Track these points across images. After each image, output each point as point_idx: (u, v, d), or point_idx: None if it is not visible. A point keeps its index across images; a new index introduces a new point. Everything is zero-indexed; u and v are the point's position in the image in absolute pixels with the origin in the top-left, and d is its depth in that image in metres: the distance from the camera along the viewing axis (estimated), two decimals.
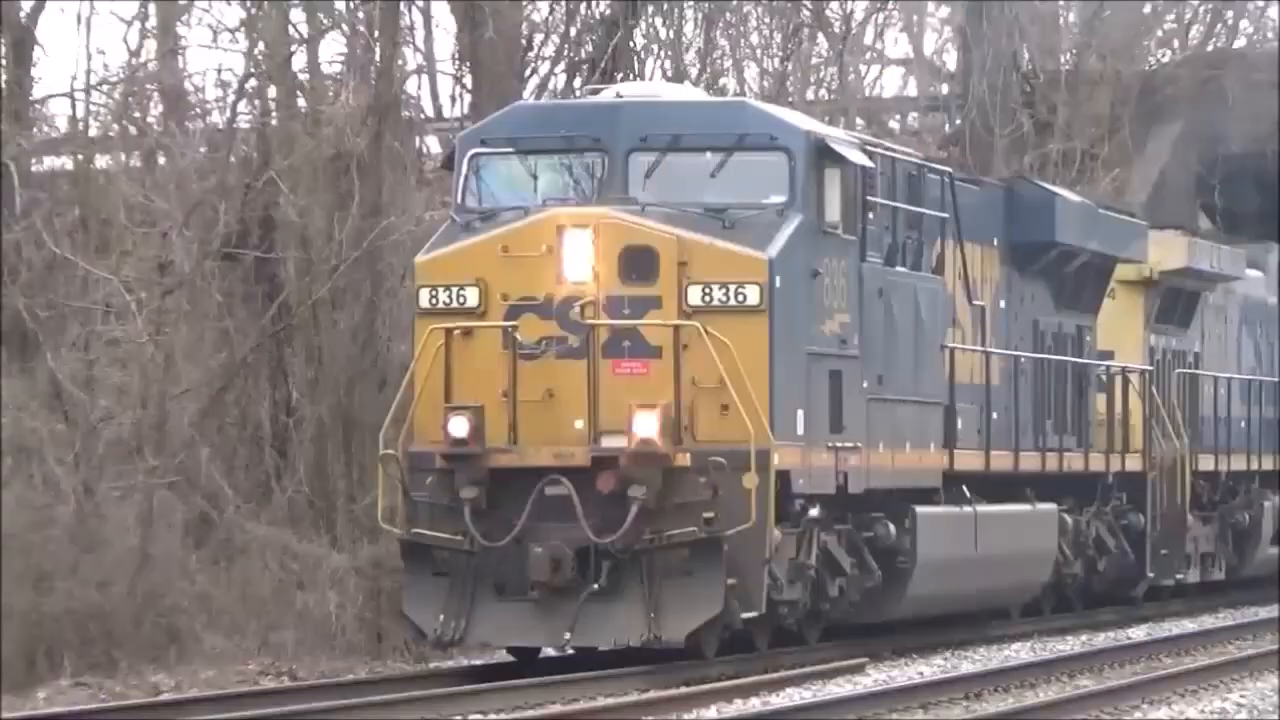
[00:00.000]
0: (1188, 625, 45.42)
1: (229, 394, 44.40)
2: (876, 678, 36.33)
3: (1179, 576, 48.74)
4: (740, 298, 34.62)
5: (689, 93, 41.56)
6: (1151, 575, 47.38)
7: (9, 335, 42.99)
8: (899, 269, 38.49)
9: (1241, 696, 33.88)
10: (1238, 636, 43.38)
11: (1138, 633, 44.06)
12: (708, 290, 34.62)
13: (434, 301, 35.42)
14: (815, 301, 35.94)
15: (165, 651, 38.06)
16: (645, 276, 34.71)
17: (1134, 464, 46.78)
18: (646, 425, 33.94)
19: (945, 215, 40.16)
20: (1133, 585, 46.82)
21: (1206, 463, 49.80)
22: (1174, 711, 32.35)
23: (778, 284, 34.93)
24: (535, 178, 36.44)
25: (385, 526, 36.53)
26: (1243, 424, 52.32)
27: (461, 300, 35.03)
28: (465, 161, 37.12)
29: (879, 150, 39.73)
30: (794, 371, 35.42)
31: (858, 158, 37.32)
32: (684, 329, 34.45)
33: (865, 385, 37.03)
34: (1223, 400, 51.32)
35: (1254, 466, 52.59)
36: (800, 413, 35.48)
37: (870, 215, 37.52)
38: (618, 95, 39.16)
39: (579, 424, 34.58)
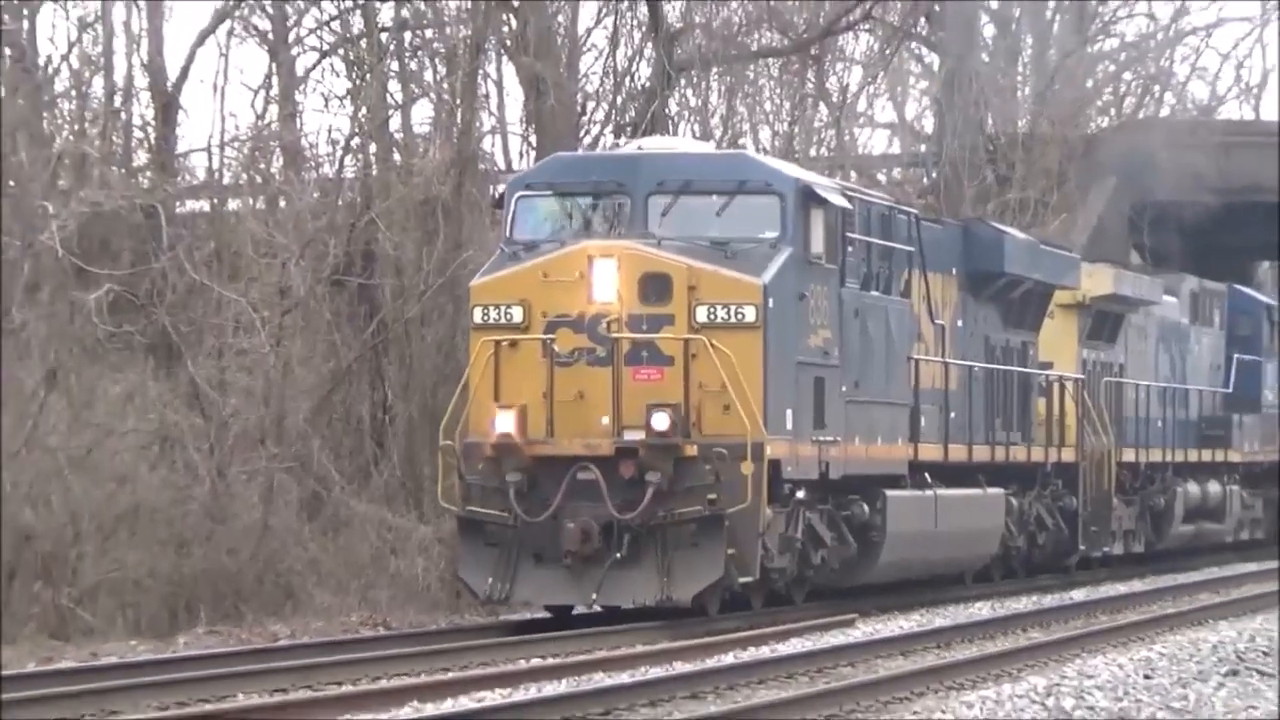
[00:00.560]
0: (1119, 589, 45.25)
1: (336, 395, 44.47)
2: (865, 630, 36.22)
3: (1105, 549, 48.76)
4: (739, 316, 34.54)
5: (698, 146, 41.54)
6: (1083, 548, 47.37)
7: (158, 347, 43.01)
8: (873, 293, 38.37)
9: (1163, 648, 33.74)
10: (1160, 599, 43.34)
11: (1077, 595, 43.91)
12: (712, 310, 34.53)
13: (486, 318, 35.36)
14: (802, 320, 35.86)
15: (282, 606, 38.26)
16: (660, 298, 34.66)
17: (1069, 456, 46.74)
18: (661, 421, 33.85)
19: (911, 249, 40.11)
20: (1067, 556, 46.81)
21: (1129, 455, 49.83)
22: (1108, 659, 32.23)
23: (770, 305, 34.87)
24: (570, 216, 36.42)
25: (444, 504, 36.88)
26: (1159, 424, 52.33)
27: (508, 317, 34.93)
28: (513, 202, 37.17)
29: (856, 194, 39.73)
30: (784, 378, 35.34)
31: (838, 200, 37.37)
32: (692, 342, 34.37)
33: (844, 389, 36.95)
34: (1142, 404, 51.32)
35: (1168, 459, 52.58)
36: (789, 412, 35.42)
37: (849, 248, 37.40)
38: (639, 148, 39.21)
39: (605, 420, 34.43)
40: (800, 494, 35.95)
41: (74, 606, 36.84)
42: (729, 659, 31.90)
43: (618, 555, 34.27)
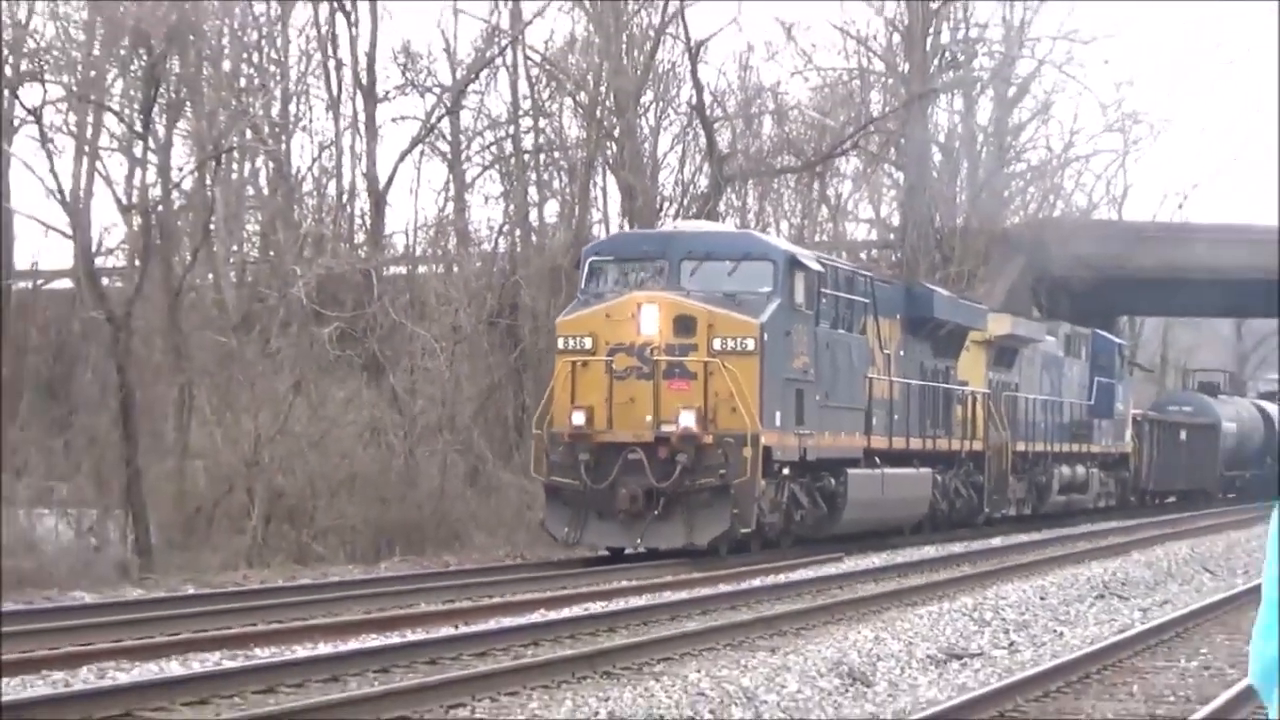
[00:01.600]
0: (1020, 538, 44.99)
1: (489, 400, 44.44)
2: (849, 565, 36.06)
3: (1004, 511, 48.67)
4: (743, 346, 34.42)
5: (716, 226, 41.46)
6: (987, 510, 47.20)
7: (369, 366, 43.01)
8: (839, 331, 38.17)
9: (1053, 579, 33.59)
10: (1049, 546, 43.10)
11: (995, 541, 43.61)
12: (724, 341, 34.37)
13: (566, 345, 35.06)
14: (788, 349, 35.54)
15: (452, 544, 38.14)
16: (688, 333, 34.41)
17: (978, 446, 46.51)
18: (687, 419, 33.71)
19: (867, 300, 39.97)
20: (976, 516, 46.55)
21: (1020, 446, 49.64)
22: (1015, 586, 32.07)
23: (765, 338, 34.64)
24: (626, 274, 36.44)
25: (535, 476, 36.10)
26: (1042, 425, 52.18)
27: (582, 345, 34.79)
28: (586, 264, 37.13)
29: (828, 262, 39.61)
30: (774, 389, 34.92)
31: (814, 266, 37.27)
32: (710, 363, 33.98)
33: (817, 398, 36.73)
34: (1030, 411, 51.22)
35: (1048, 449, 52.38)
36: (778, 413, 35.09)
37: (822, 299, 37.16)
38: (675, 227, 39.37)
39: (648, 418, 34.11)
40: (786, 471, 35.72)
41: (310, 542, 36.87)
42: (755, 583, 31.82)
43: (655, 512, 34.02)
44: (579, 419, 34.35)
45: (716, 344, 34.51)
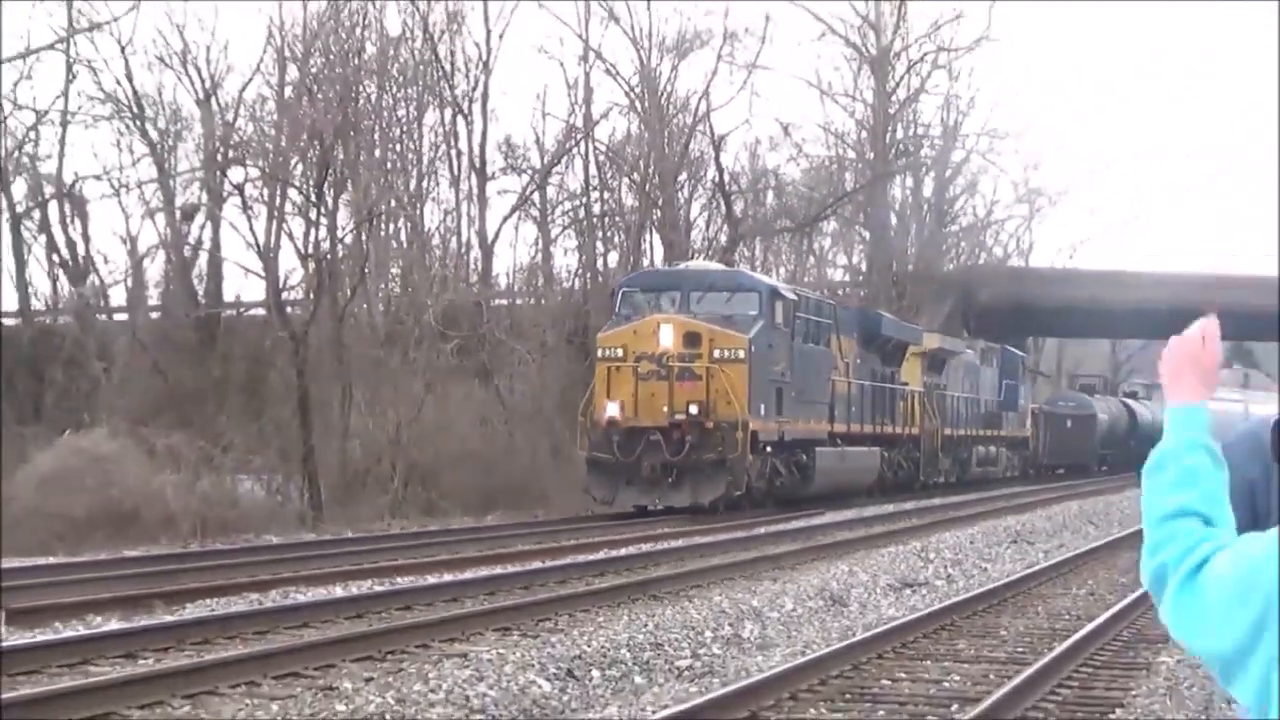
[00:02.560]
0: (953, 499, 44.62)
1: (567, 397, 44.03)
2: (829, 517, 35.77)
3: (935, 480, 48.32)
4: (736, 355, 34.13)
5: (715, 266, 40.84)
6: (923, 479, 46.89)
7: (480, 372, 42.93)
8: (810, 345, 37.75)
9: (978, 529, 33.46)
10: (975, 505, 42.68)
11: (934, 501, 43.25)
12: (722, 352, 34.07)
13: (604, 354, 34.69)
14: (770, 358, 35.14)
15: (539, 501, 37.81)
16: (694, 345, 34.09)
17: (916, 431, 46.26)
18: (694, 409, 33.57)
19: (831, 321, 39.68)
20: (914, 483, 46.19)
21: (948, 431, 49.40)
22: (951, 534, 31.99)
23: (753, 350, 34.34)
24: (649, 301, 36.18)
25: (580, 452, 35.44)
26: (963, 415, 51.93)
27: (616, 354, 34.46)
28: (620, 293, 36.98)
29: (803, 294, 39.35)
30: (760, 388, 34.54)
31: (790, 296, 37.11)
32: (711, 368, 33.69)
33: (793, 395, 36.36)
34: (955, 405, 50.94)
35: (969, 433, 52.15)
36: (763, 405, 34.77)
37: (797, 320, 36.87)
38: (686, 266, 39.08)
39: (665, 408, 33.80)
40: (769, 449, 35.45)
41: (437, 500, 36.79)
42: (760, 531, 31.64)
43: (670, 480, 33.82)
44: (613, 410, 34.04)
45: (716, 354, 34.25)
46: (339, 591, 20.11)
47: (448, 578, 21.95)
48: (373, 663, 14.75)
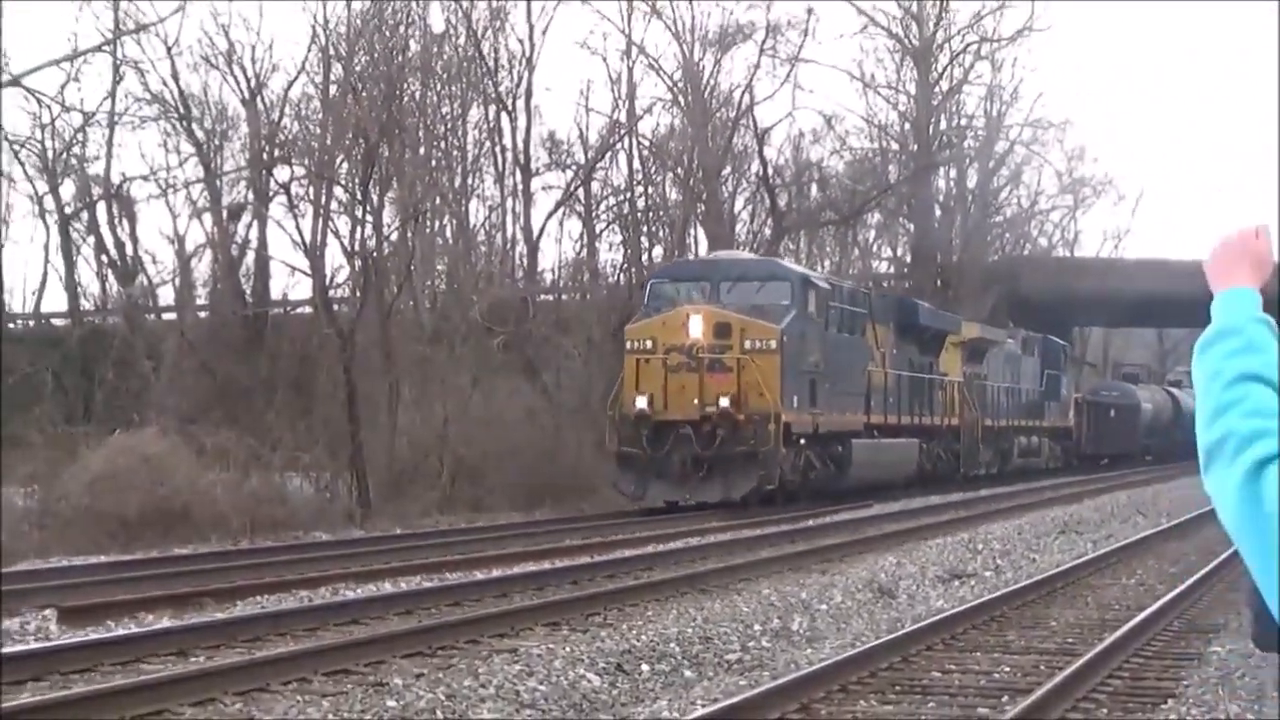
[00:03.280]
0: (998, 490, 44.41)
1: (611, 392, 44.10)
2: (877, 509, 35.62)
3: (975, 471, 47.78)
4: (768, 345, 33.49)
5: (747, 255, 40.63)
6: (963, 471, 46.39)
7: (527, 367, 42.91)
8: (844, 334, 37.12)
9: (1026, 520, 33.32)
10: (1020, 495, 42.51)
11: (983, 492, 43.06)
12: (753, 342, 33.41)
13: (632, 346, 34.14)
14: (803, 348, 34.55)
15: (587, 496, 37.67)
16: (725, 336, 33.49)
17: (955, 422, 45.69)
18: (725, 402, 32.96)
19: (866, 311, 39.13)
20: (954, 475, 45.70)
21: (988, 422, 48.84)
22: (999, 525, 31.87)
23: (785, 340, 33.73)
24: (679, 292, 35.73)
25: (609, 447, 34.59)
26: (1004, 405, 51.39)
27: (645, 346, 33.90)
28: (649, 285, 36.56)
29: (836, 283, 38.98)
30: (793, 379, 33.97)
31: (823, 285, 36.61)
32: (742, 359, 33.08)
33: (827, 386, 35.71)
34: (995, 395, 50.44)
35: (1010, 424, 51.64)
36: (795, 397, 34.14)
37: (831, 310, 36.23)
38: (716, 256, 38.69)
39: (695, 401, 33.12)
40: (802, 441, 34.79)
41: (484, 496, 36.76)
42: (808, 524, 31.58)
43: (700, 474, 33.22)
44: (642, 403, 33.48)
45: (747, 344, 33.63)
46: (388, 588, 20.13)
47: (496, 573, 21.96)
48: (423, 659, 14.74)
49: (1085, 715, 12.55)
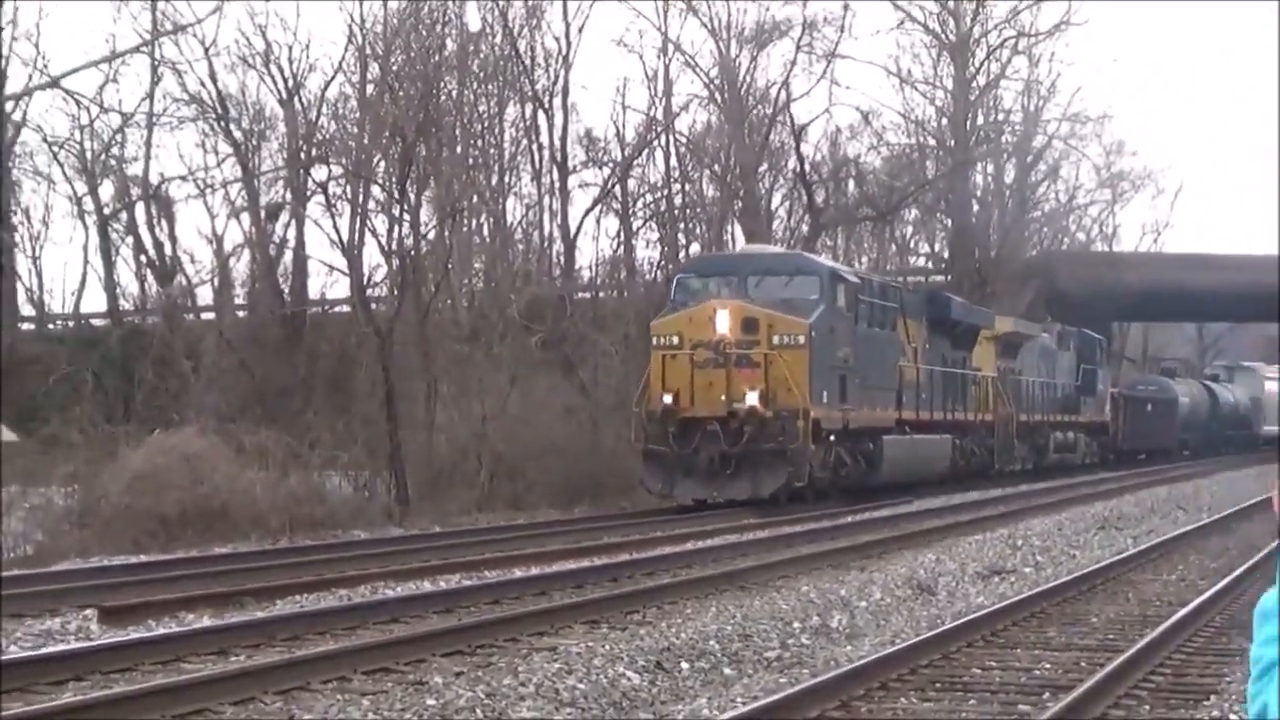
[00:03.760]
0: (1038, 486, 44.21)
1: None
2: (917, 505, 35.59)
3: (1010, 467, 47.41)
4: (796, 340, 33.04)
5: (774, 249, 40.33)
6: (997, 467, 46.02)
7: (564, 364, 42.89)
8: (875, 329, 36.72)
9: (1065, 516, 33.23)
10: (1059, 491, 42.34)
11: (1021, 488, 42.87)
12: (781, 337, 32.97)
13: (659, 342, 33.74)
14: (832, 343, 34.13)
15: (625, 494, 37.56)
16: (752, 331, 33.11)
17: (989, 417, 45.24)
18: (753, 398, 32.46)
19: (897, 305, 38.58)
20: (988, 471, 45.29)
21: (1023, 417, 48.41)
22: (1039, 521, 31.78)
23: (813, 335, 33.32)
24: (705, 286, 35.46)
25: (634, 444, 34.23)
26: (1039, 401, 51.01)
27: (671, 342, 33.48)
28: (676, 279, 36.21)
29: (866, 277, 38.55)
30: (822, 374, 33.56)
31: (853, 279, 36.22)
32: (770, 355, 32.71)
33: (857, 381, 35.18)
34: (1030, 390, 50.01)
35: (1045, 419, 51.29)
36: (825, 392, 33.66)
37: (860, 305, 35.80)
38: (743, 250, 38.34)
39: (722, 397, 32.71)
40: (832, 438, 34.41)
41: (523, 493, 36.76)
42: (844, 521, 31.51)
43: (728, 471, 32.83)
44: (668, 399, 33.14)
45: (775, 340, 33.26)
46: (427, 586, 20.14)
47: (535, 571, 21.96)
48: (462, 657, 14.74)
49: (1127, 712, 12.49)
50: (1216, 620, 17.33)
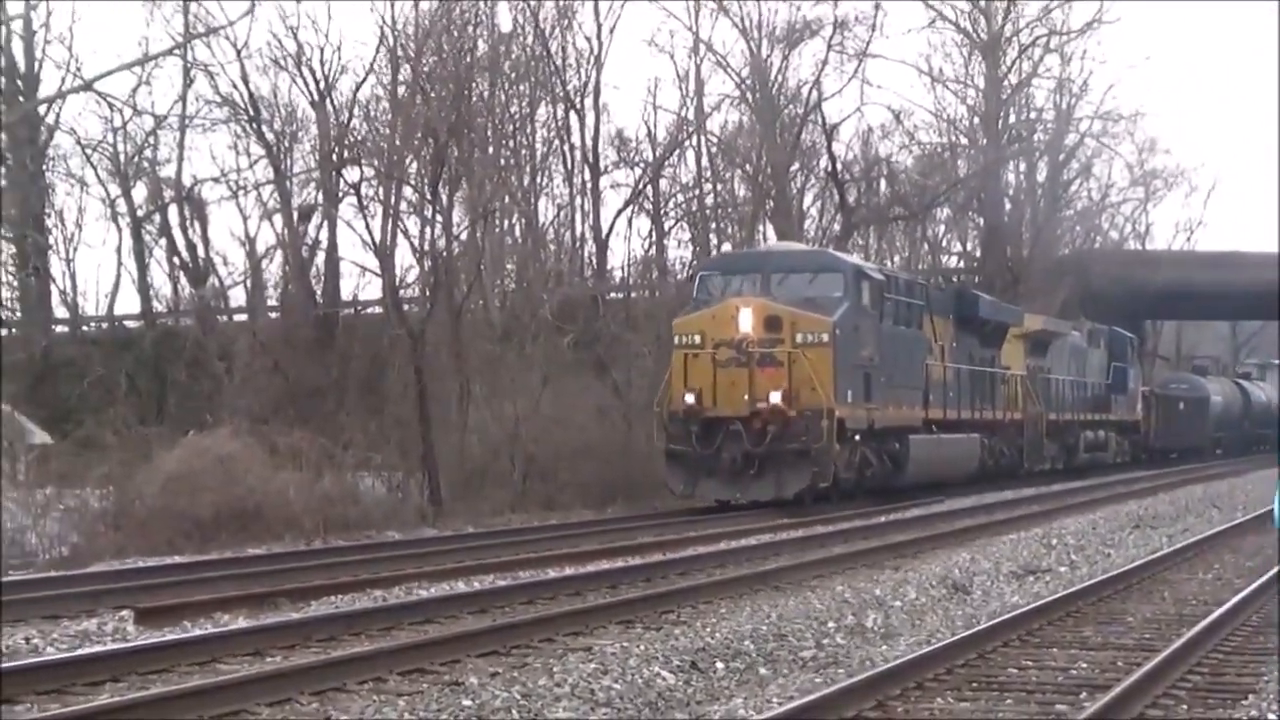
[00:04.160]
0: (1072, 485, 44.08)
1: None
2: (949, 504, 35.50)
3: (1040, 467, 47.07)
4: (820, 339, 32.58)
5: (798, 246, 39.75)
6: (1027, 467, 45.61)
7: (597, 364, 42.87)
8: (900, 327, 36.39)
9: (1099, 515, 33.14)
10: (1093, 490, 42.21)
11: (1054, 487, 42.74)
12: (804, 335, 32.52)
13: (681, 341, 33.35)
14: (856, 341, 33.73)
15: (658, 494, 37.25)
16: (776, 330, 32.69)
17: (1018, 416, 44.90)
18: (776, 397, 32.04)
19: (923, 302, 38.07)
20: (1018, 471, 44.96)
21: (1052, 416, 47.98)
22: (1072, 520, 31.67)
23: (837, 333, 32.91)
24: (728, 284, 35.15)
25: (656, 444, 34.25)
26: (1069, 399, 50.62)
27: (693, 340, 33.09)
28: (698, 278, 35.74)
29: (892, 274, 38.18)
30: (846, 373, 33.11)
31: (877, 276, 35.72)
32: (793, 353, 32.29)
33: (883, 380, 34.74)
34: (1060, 388, 49.60)
35: (1075, 418, 50.91)
36: (849, 391, 33.28)
37: (886, 302, 35.38)
38: (766, 247, 38.02)
39: (745, 397, 32.32)
40: (857, 437, 34.00)
41: (556, 494, 36.76)
42: (869, 521, 31.42)
43: (751, 472, 32.45)
44: (690, 399, 32.84)
45: (798, 338, 32.83)
46: (462, 587, 20.15)
47: (569, 571, 21.96)
48: (497, 657, 14.75)
49: (1165, 712, 12.45)
50: (1254, 619, 17.26)
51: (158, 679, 13.61)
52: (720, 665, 14.36)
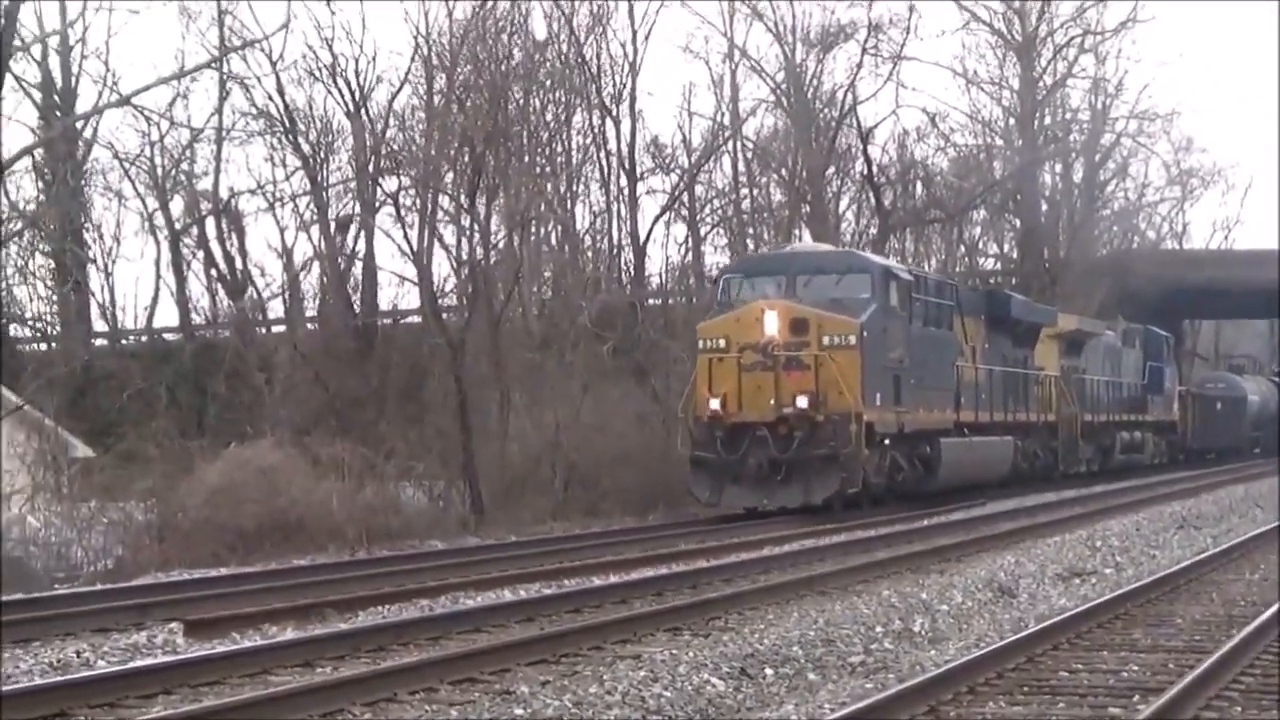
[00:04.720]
0: (1113, 486, 43.89)
1: None
2: (991, 507, 35.24)
3: (1075, 469, 46.60)
4: (847, 341, 32.09)
5: (824, 246, 39.24)
6: (1062, 469, 45.05)
7: (636, 371, 42.85)
8: (930, 328, 35.87)
9: (1143, 516, 33.00)
10: (1135, 491, 42.03)
11: (1097, 488, 42.53)
12: (831, 338, 32.03)
13: (705, 345, 32.94)
14: (884, 343, 33.24)
15: (680, 499, 37.21)
16: (802, 333, 32.21)
17: (1052, 418, 44.45)
18: (803, 402, 31.56)
19: (953, 303, 37.46)
20: (1052, 473, 44.59)
21: (1088, 417, 47.57)
22: (1116, 522, 31.56)
23: (865, 335, 32.43)
24: (753, 287, 34.91)
25: (681, 450, 33.63)
26: (1104, 400, 50.18)
27: (718, 345, 32.64)
28: (723, 281, 35.31)
29: (921, 274, 37.69)
30: (874, 375, 32.67)
31: (905, 276, 35.24)
32: (820, 356, 31.80)
33: (913, 383, 34.26)
34: (1095, 389, 49.15)
35: (1111, 419, 50.50)
36: (878, 394, 32.85)
37: (915, 303, 34.84)
38: (792, 249, 37.74)
39: (771, 401, 31.81)
40: (887, 441, 33.50)
41: (598, 501, 36.77)
42: (924, 523, 31.37)
43: (778, 478, 32.01)
44: (715, 404, 32.36)
45: (825, 340, 32.33)
46: (508, 595, 20.15)
47: (614, 579, 21.95)
48: (547, 666, 14.75)
49: (1219, 714, 12.41)
50: None
51: (210, 691, 13.65)
52: (769, 671, 14.35)
